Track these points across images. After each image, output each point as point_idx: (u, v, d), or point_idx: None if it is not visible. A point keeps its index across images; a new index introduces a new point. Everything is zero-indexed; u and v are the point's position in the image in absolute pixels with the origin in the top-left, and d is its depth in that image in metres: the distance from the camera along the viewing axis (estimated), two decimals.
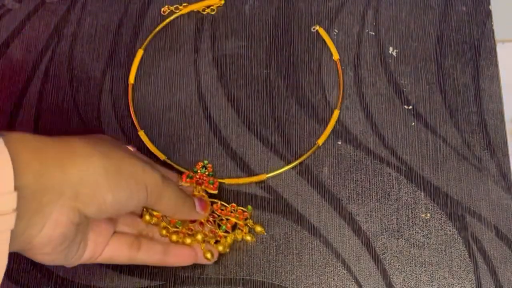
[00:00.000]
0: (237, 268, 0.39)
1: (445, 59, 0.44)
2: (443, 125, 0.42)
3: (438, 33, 0.44)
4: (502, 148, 0.41)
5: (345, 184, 0.41)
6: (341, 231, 0.39)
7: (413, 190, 0.40)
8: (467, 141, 0.41)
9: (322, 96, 0.43)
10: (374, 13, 0.45)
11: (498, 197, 0.40)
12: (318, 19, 0.45)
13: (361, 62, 0.44)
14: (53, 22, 0.46)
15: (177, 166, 0.41)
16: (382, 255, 0.39)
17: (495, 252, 0.39)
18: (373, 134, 0.42)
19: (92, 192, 0.30)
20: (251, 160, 0.41)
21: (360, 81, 0.43)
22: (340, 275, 0.38)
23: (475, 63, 0.44)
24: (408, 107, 0.43)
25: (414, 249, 0.39)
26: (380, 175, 0.41)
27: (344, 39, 0.45)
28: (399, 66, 0.44)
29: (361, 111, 0.42)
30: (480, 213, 0.40)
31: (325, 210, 0.40)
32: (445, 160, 0.41)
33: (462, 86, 0.43)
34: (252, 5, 0.46)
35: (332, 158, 0.41)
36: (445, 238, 0.39)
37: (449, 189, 0.40)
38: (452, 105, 0.42)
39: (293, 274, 0.39)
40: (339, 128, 0.42)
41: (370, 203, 0.40)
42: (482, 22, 0.45)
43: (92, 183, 0.30)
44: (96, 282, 0.38)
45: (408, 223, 0.40)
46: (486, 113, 0.42)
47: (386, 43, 0.44)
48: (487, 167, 0.41)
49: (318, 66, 0.44)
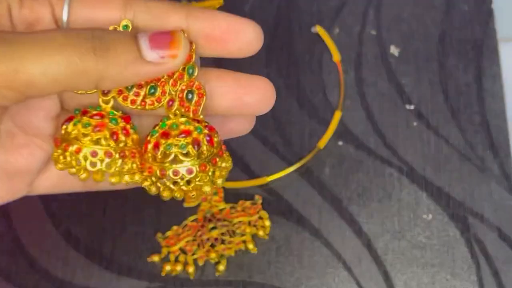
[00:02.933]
0: (237, 270, 0.38)
1: (447, 59, 0.43)
2: (445, 125, 0.42)
3: (440, 32, 0.44)
4: (505, 148, 0.41)
5: (346, 185, 0.40)
6: (342, 232, 0.39)
7: (415, 191, 0.40)
8: (470, 141, 0.41)
9: (323, 96, 0.43)
10: (375, 12, 0.45)
11: (500, 197, 0.40)
12: (319, 18, 0.45)
13: (362, 61, 0.44)
14: None
15: None
16: (383, 256, 0.38)
17: (498, 253, 0.38)
18: (374, 134, 0.42)
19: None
20: (251, 161, 0.41)
21: (361, 80, 0.43)
22: (341, 277, 0.38)
23: (478, 63, 0.43)
24: (410, 107, 0.42)
25: (416, 250, 0.39)
26: (381, 176, 0.40)
27: (345, 39, 0.44)
28: (400, 65, 0.43)
29: (362, 111, 0.42)
30: (482, 214, 0.39)
31: (326, 211, 0.40)
32: (447, 160, 0.41)
33: (464, 85, 0.43)
34: (252, 4, 0.46)
35: (333, 158, 0.41)
36: (447, 239, 0.39)
37: (451, 189, 0.40)
38: (454, 105, 0.42)
39: (294, 276, 0.38)
40: (340, 129, 0.42)
41: (372, 204, 0.40)
42: (485, 21, 0.44)
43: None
44: (95, 283, 0.38)
45: (410, 224, 0.39)
46: (488, 113, 0.42)
47: (387, 42, 0.44)
48: (489, 168, 0.40)
49: (319, 65, 0.44)
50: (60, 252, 0.39)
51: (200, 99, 0.24)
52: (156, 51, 0.22)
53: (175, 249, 0.38)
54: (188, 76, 0.24)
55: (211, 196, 0.39)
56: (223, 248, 0.38)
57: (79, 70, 0.20)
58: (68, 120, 0.24)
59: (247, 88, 0.24)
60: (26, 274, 0.39)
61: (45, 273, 0.39)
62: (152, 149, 0.23)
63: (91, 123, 0.23)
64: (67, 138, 0.23)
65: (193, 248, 0.38)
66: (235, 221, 0.39)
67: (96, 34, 0.21)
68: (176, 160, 0.23)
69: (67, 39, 0.20)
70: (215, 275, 0.38)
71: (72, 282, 0.38)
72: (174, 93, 0.24)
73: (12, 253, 0.39)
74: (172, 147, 0.23)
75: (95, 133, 0.23)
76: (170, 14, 0.24)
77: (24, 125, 0.25)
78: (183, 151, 0.23)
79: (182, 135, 0.23)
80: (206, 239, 0.38)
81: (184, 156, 0.23)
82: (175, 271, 0.38)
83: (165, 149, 0.23)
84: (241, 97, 0.24)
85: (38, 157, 0.25)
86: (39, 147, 0.25)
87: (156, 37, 0.22)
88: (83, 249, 0.39)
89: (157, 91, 0.24)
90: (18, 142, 0.25)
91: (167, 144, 0.23)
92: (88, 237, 0.39)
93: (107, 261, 0.39)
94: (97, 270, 0.39)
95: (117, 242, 0.39)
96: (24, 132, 0.25)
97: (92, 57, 0.21)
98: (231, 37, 0.24)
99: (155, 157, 0.23)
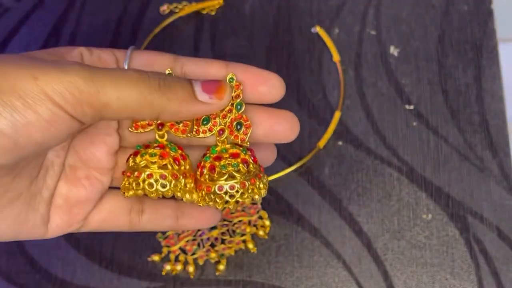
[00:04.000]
0: (237, 269, 0.38)
1: (446, 59, 0.44)
2: (445, 125, 0.42)
3: (440, 33, 0.44)
4: (504, 148, 0.41)
5: (346, 185, 0.40)
6: (342, 232, 0.39)
7: (415, 191, 0.40)
8: (469, 141, 0.41)
9: (323, 96, 0.43)
10: (375, 12, 0.45)
11: (500, 197, 0.40)
12: (319, 18, 0.45)
13: (362, 61, 0.44)
14: (52, 22, 0.46)
15: None
16: (383, 256, 0.39)
17: (497, 253, 0.38)
18: (374, 134, 0.42)
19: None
20: None
21: (361, 81, 0.43)
22: (341, 276, 0.38)
23: (477, 63, 0.43)
24: (409, 107, 0.42)
25: (416, 250, 0.39)
26: (381, 176, 0.40)
27: (345, 39, 0.44)
28: (400, 65, 0.43)
29: (362, 111, 0.42)
30: (482, 213, 0.39)
31: (326, 211, 0.40)
32: (446, 160, 0.41)
33: (463, 86, 0.43)
34: (252, 4, 0.46)
35: (332, 158, 0.41)
36: (446, 239, 0.39)
37: (451, 189, 0.40)
38: (454, 105, 0.42)
39: (294, 276, 0.38)
40: (340, 129, 0.42)
41: (371, 204, 0.40)
42: (484, 21, 0.44)
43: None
44: (95, 283, 0.38)
45: (410, 224, 0.39)
46: (488, 113, 0.42)
47: (387, 42, 0.44)
48: (489, 168, 0.40)
49: (319, 66, 0.44)
50: (60, 252, 0.39)
51: (247, 129, 0.29)
52: (207, 94, 0.27)
53: (175, 249, 0.38)
54: (237, 111, 0.29)
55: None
56: (223, 247, 0.38)
57: (147, 101, 0.25)
58: (133, 154, 0.28)
59: (277, 118, 0.29)
60: (26, 274, 0.39)
61: (45, 273, 0.39)
62: (208, 170, 0.28)
63: (157, 153, 0.28)
64: (137, 168, 0.28)
65: (193, 248, 0.38)
66: (235, 220, 0.39)
67: (161, 76, 0.26)
68: (229, 177, 0.27)
69: (140, 75, 0.25)
70: (215, 275, 0.38)
71: (72, 282, 0.38)
72: (223, 124, 0.29)
73: (12, 253, 0.39)
74: (226, 167, 0.27)
75: (162, 160, 0.28)
76: (213, 64, 0.29)
77: (88, 159, 0.29)
78: (235, 168, 0.27)
79: (232, 158, 0.28)
80: (206, 238, 0.38)
81: (237, 173, 0.27)
82: (175, 271, 0.38)
83: (221, 168, 0.27)
84: (273, 126, 0.29)
85: (97, 189, 0.29)
86: (99, 180, 0.29)
87: (207, 83, 0.27)
88: (83, 249, 0.39)
89: (209, 122, 0.29)
90: (80, 174, 0.29)
91: (222, 165, 0.27)
92: (88, 237, 0.39)
93: (107, 260, 0.39)
94: (97, 269, 0.39)
95: (117, 242, 0.39)
96: (86, 165, 0.29)
97: (158, 93, 0.25)
98: (262, 82, 0.29)
99: (212, 177, 0.27)
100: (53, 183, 0.28)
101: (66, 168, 0.29)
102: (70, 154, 0.29)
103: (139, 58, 0.29)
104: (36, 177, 0.27)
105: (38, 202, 0.27)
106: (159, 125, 0.29)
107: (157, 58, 0.29)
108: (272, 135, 0.29)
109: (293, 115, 0.29)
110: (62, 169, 0.28)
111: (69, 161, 0.29)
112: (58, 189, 0.28)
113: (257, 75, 0.29)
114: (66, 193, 0.28)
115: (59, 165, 0.28)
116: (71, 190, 0.28)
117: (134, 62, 0.29)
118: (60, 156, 0.28)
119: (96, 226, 0.30)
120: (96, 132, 0.29)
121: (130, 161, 0.28)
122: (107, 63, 0.29)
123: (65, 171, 0.29)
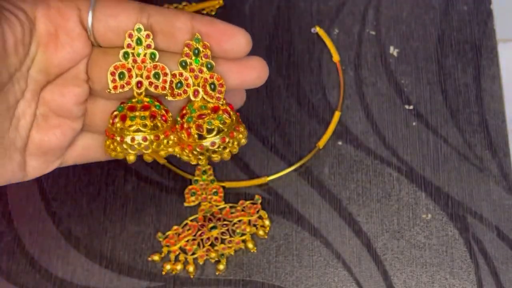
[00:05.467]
0: (236, 269, 0.39)
1: (446, 59, 0.44)
2: (444, 125, 0.42)
3: (439, 33, 0.44)
4: (504, 148, 0.41)
5: (346, 185, 0.40)
6: (342, 231, 0.39)
7: (414, 191, 0.40)
8: (468, 141, 0.41)
9: (323, 96, 0.43)
10: (375, 12, 0.45)
11: (499, 197, 0.40)
12: (319, 18, 0.45)
13: (362, 61, 0.44)
14: None
15: (177, 170, 0.41)
16: (382, 256, 0.39)
17: (497, 253, 0.38)
18: (373, 134, 0.42)
19: None
20: (251, 161, 0.41)
21: (361, 81, 0.43)
22: (340, 276, 0.38)
23: (476, 63, 0.43)
24: (409, 107, 0.42)
25: (415, 250, 0.39)
26: (380, 176, 0.41)
27: (345, 39, 0.44)
28: (400, 65, 0.43)
29: (361, 111, 0.42)
30: (481, 213, 0.39)
31: (326, 210, 0.40)
32: (446, 160, 0.41)
33: (463, 86, 0.43)
34: (252, 5, 0.46)
35: (332, 158, 0.41)
36: (446, 239, 0.39)
37: (450, 189, 0.40)
38: (453, 105, 0.42)
39: (293, 275, 0.38)
40: (339, 129, 0.42)
41: (371, 204, 0.40)
42: (484, 21, 0.44)
43: None
44: (95, 283, 0.38)
45: (409, 223, 0.39)
46: (487, 113, 0.42)
47: (386, 42, 0.44)
48: (488, 168, 0.40)
49: (319, 66, 0.44)
50: (60, 251, 0.39)
51: (222, 88, 0.29)
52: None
53: (175, 249, 0.38)
54: (208, 70, 0.29)
55: (211, 195, 0.39)
56: (223, 247, 0.38)
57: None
58: (121, 118, 0.29)
59: (247, 69, 0.30)
60: (26, 274, 0.39)
61: (45, 272, 0.39)
62: (196, 129, 0.29)
63: (146, 115, 0.29)
64: (128, 133, 0.29)
65: (193, 248, 0.38)
66: (235, 220, 0.39)
67: None
68: (218, 132, 0.29)
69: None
70: (215, 274, 0.38)
71: (72, 282, 0.38)
72: (197, 85, 0.29)
73: (12, 253, 0.39)
74: (212, 122, 0.28)
75: (152, 122, 0.29)
76: (179, 16, 0.29)
77: (58, 109, 0.29)
78: (221, 121, 0.29)
79: (212, 112, 0.29)
80: (206, 238, 0.38)
81: (223, 125, 0.29)
82: (175, 270, 0.38)
83: (208, 125, 0.28)
84: (244, 77, 0.30)
85: (69, 135, 0.30)
86: (70, 127, 0.30)
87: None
88: (83, 248, 0.39)
89: (183, 85, 0.29)
90: (52, 123, 0.29)
91: (208, 121, 0.29)
92: (88, 236, 0.39)
93: (107, 260, 0.39)
94: (97, 269, 0.39)
95: (117, 242, 0.39)
96: (57, 115, 0.29)
97: None
98: (227, 38, 0.29)
99: (201, 135, 0.29)
100: (25, 132, 0.29)
101: (38, 117, 0.29)
102: (40, 104, 0.29)
103: (104, 8, 0.29)
104: (8, 129, 0.28)
105: (13, 151, 0.28)
106: (138, 83, 0.30)
107: (123, 8, 0.29)
108: (243, 84, 0.30)
109: (262, 61, 0.30)
110: (34, 118, 0.29)
111: (40, 111, 0.29)
112: (31, 138, 0.29)
113: (222, 30, 0.29)
114: (39, 142, 0.29)
115: (30, 114, 0.29)
116: (43, 139, 0.29)
117: (99, 12, 0.29)
118: (31, 106, 0.29)
119: (74, 161, 0.31)
120: (65, 83, 0.29)
121: (118, 124, 0.29)
122: (68, 15, 0.29)
123: (37, 120, 0.29)
